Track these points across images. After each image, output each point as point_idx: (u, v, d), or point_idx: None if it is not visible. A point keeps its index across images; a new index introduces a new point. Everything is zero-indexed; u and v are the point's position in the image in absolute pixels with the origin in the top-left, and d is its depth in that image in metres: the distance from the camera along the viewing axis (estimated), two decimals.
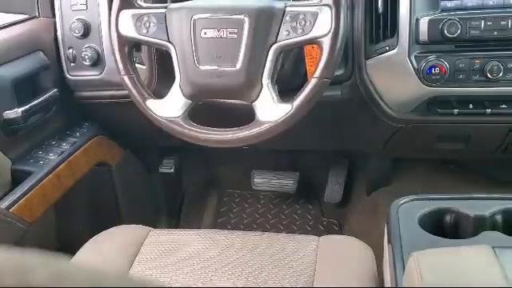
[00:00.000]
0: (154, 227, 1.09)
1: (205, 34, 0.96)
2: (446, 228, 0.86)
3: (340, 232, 1.69)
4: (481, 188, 1.46)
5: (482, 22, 1.01)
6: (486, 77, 1.04)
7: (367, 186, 1.69)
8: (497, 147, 1.23)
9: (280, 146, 1.58)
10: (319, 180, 1.78)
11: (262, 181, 1.80)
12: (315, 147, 1.54)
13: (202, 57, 0.97)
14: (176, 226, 1.75)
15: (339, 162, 1.77)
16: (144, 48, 1.18)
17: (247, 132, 0.97)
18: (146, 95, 1.03)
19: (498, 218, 0.83)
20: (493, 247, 0.66)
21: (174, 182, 1.83)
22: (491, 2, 1.03)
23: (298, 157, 1.83)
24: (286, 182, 1.78)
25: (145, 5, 1.03)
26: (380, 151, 1.42)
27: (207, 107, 1.07)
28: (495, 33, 1.01)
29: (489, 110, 1.08)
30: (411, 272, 0.64)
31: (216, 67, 0.97)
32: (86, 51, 1.24)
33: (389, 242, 0.83)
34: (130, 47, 1.02)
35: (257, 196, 1.87)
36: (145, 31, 1.00)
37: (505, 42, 1.02)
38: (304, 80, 0.97)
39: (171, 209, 1.79)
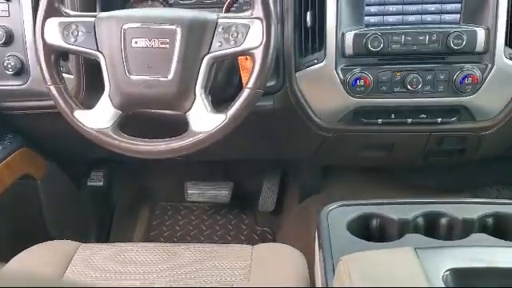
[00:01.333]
0: (84, 242, 1.05)
1: (135, 43, 0.95)
2: (372, 232, 0.90)
3: (274, 240, 1.72)
4: (404, 193, 1.55)
5: (403, 37, 1.08)
6: (407, 88, 1.11)
7: (299, 193, 1.73)
8: (418, 155, 1.31)
9: (214, 157, 1.58)
10: (253, 189, 1.80)
11: (196, 192, 1.79)
12: (249, 156, 1.56)
13: (133, 66, 0.96)
14: (106, 241, 1.70)
15: (273, 170, 1.80)
16: (71, 57, 1.14)
17: (180, 142, 0.97)
18: (74, 106, 1.00)
19: (420, 220, 0.89)
20: (415, 248, 0.70)
21: (104, 196, 1.77)
22: (410, 19, 1.11)
23: (231, 167, 1.84)
24: (220, 193, 1.79)
25: (72, 13, 1.00)
26: (310, 159, 1.47)
27: (139, 118, 1.06)
28: (414, 47, 1.08)
29: (410, 120, 1.15)
30: (341, 275, 0.66)
31: (148, 77, 0.96)
32: (8, 60, 1.18)
33: (319, 247, 0.86)
34: (57, 56, 0.99)
35: (190, 208, 1.86)
36: (73, 40, 0.97)
37: (423, 55, 1.10)
38: (237, 90, 0.98)
39: (101, 223, 1.74)
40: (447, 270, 0.64)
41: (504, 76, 1.09)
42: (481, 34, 1.06)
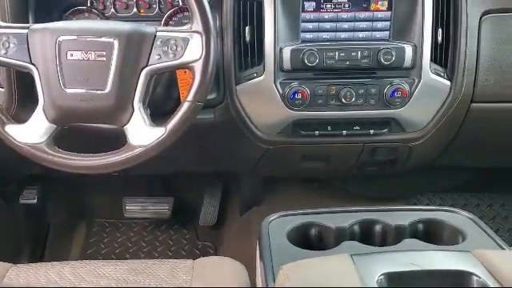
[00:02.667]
0: (16, 263, 1.00)
1: (71, 56, 0.93)
2: (311, 240, 0.92)
3: (215, 254, 1.71)
4: (342, 202, 1.60)
5: (337, 53, 1.13)
6: (341, 102, 1.16)
7: (240, 206, 1.74)
8: (353, 165, 1.36)
9: (153, 171, 1.56)
10: (194, 203, 1.78)
11: (135, 208, 1.76)
12: (190, 170, 1.55)
13: (68, 80, 0.94)
14: (40, 261, 1.62)
15: (214, 184, 1.80)
16: (2, 70, 1.09)
17: (118, 157, 0.95)
18: (5, 120, 0.96)
19: (356, 228, 0.92)
20: (351, 255, 0.73)
21: (38, 213, 1.69)
22: (343, 36, 1.16)
23: (172, 181, 1.82)
24: (160, 208, 1.76)
25: (4, 24, 0.97)
26: (252, 172, 1.48)
27: (75, 132, 1.03)
28: (347, 63, 1.13)
29: (344, 132, 1.20)
30: (281, 283, 0.68)
31: (84, 90, 0.94)
32: None
33: (261, 258, 0.87)
34: None
35: (129, 224, 1.82)
36: (3, 52, 0.93)
37: (356, 70, 1.15)
38: (177, 104, 0.98)
39: (35, 242, 1.65)
40: (381, 275, 0.68)
41: (430, 90, 1.17)
42: (408, 50, 1.13)
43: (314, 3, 1.14)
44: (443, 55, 1.17)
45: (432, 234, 0.90)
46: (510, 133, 1.30)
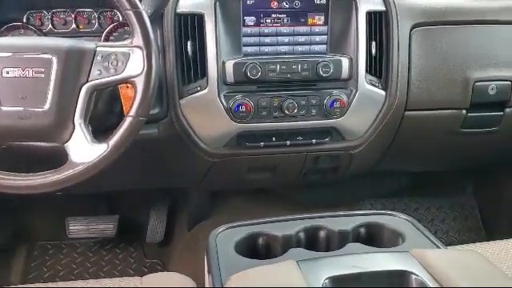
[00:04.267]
0: None
1: (7, 73, 0.91)
2: (259, 250, 0.94)
3: (164, 271, 1.68)
4: (288, 211, 1.63)
5: (278, 66, 1.16)
6: (284, 113, 1.19)
7: (188, 221, 1.73)
8: (298, 174, 1.40)
9: (97, 189, 1.52)
10: (140, 220, 1.75)
11: (79, 228, 1.70)
12: (134, 187, 1.52)
13: (5, 97, 0.91)
14: None
15: (160, 200, 1.78)
16: None
17: (59, 175, 0.92)
18: None
19: (302, 235, 0.94)
20: (297, 261, 0.75)
21: None
22: (284, 49, 1.20)
23: (117, 198, 1.78)
24: (105, 227, 1.72)
25: None
26: (198, 186, 1.48)
27: (14, 151, 0.99)
28: (289, 75, 1.17)
29: (288, 142, 1.23)
30: None
31: (21, 108, 0.91)
32: None
33: (209, 271, 0.87)
34: None
35: (73, 245, 1.76)
36: None
37: (297, 82, 1.19)
38: (119, 119, 0.97)
39: None
40: (326, 278, 0.70)
41: (366, 100, 1.22)
42: (345, 62, 1.18)
43: (254, 18, 1.17)
44: (377, 67, 1.23)
45: (373, 237, 0.93)
46: (441, 138, 1.38)
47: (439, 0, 1.28)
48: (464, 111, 1.29)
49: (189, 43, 1.15)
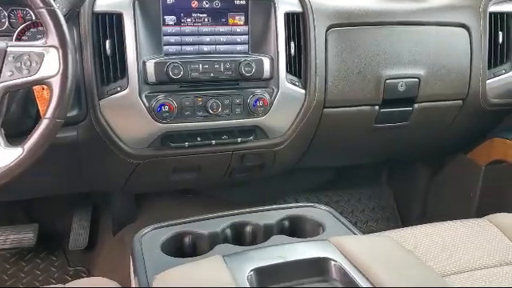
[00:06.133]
0: None
1: None
2: (186, 249, 0.94)
3: None
4: (216, 210, 1.64)
5: (200, 66, 1.17)
6: (208, 112, 1.20)
7: (113, 225, 1.68)
8: (224, 173, 1.41)
9: (13, 196, 1.44)
10: (62, 227, 1.69)
11: None
12: (54, 193, 1.46)
13: None
14: None
15: (83, 205, 1.72)
16: None
17: None
18: None
19: (228, 231, 0.96)
20: (223, 256, 0.76)
21: None
22: (206, 49, 1.20)
23: (35, 206, 1.69)
24: (24, 236, 1.64)
25: None
26: (122, 189, 1.45)
27: None
28: (211, 74, 1.18)
29: (213, 141, 1.24)
30: None
31: None
32: None
33: (135, 273, 0.86)
34: None
35: None
36: None
37: (220, 82, 1.20)
38: (35, 122, 0.93)
39: None
40: (251, 271, 0.72)
41: (287, 98, 1.26)
42: (266, 62, 1.21)
43: (174, 17, 1.17)
44: (297, 66, 1.27)
45: (297, 229, 0.97)
46: (358, 134, 1.46)
47: (353, 2, 1.35)
48: (377, 107, 1.38)
49: (107, 43, 1.12)
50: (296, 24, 1.26)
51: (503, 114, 1.54)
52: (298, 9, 1.26)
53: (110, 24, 1.12)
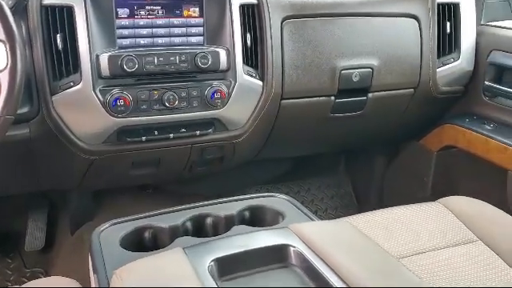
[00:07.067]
0: None
1: None
2: (147, 243, 0.93)
3: None
4: (176, 204, 1.63)
5: (155, 58, 1.15)
6: (165, 106, 1.18)
7: (71, 224, 1.64)
8: (184, 166, 1.40)
9: None
10: (17, 228, 1.63)
11: None
12: (7, 192, 1.41)
13: None
14: None
15: (39, 204, 1.67)
16: None
17: None
18: None
19: (189, 224, 0.96)
20: (183, 248, 0.76)
21: None
22: (160, 41, 1.19)
23: None
24: None
25: None
26: (79, 187, 1.42)
27: None
28: (167, 67, 1.17)
29: (172, 135, 1.23)
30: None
31: None
32: None
33: (94, 270, 0.85)
34: None
35: None
36: None
37: (176, 74, 1.19)
38: None
39: None
40: (212, 261, 0.72)
41: (245, 90, 1.27)
42: (223, 54, 1.20)
43: (127, 10, 1.15)
44: (253, 58, 1.28)
45: (257, 219, 0.98)
46: (315, 124, 1.48)
47: None
48: (333, 97, 1.40)
49: (58, 37, 1.09)
50: (251, 16, 1.26)
51: (453, 101, 1.60)
52: (253, 0, 1.26)
53: (61, 17, 1.09)
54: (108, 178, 1.38)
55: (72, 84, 1.11)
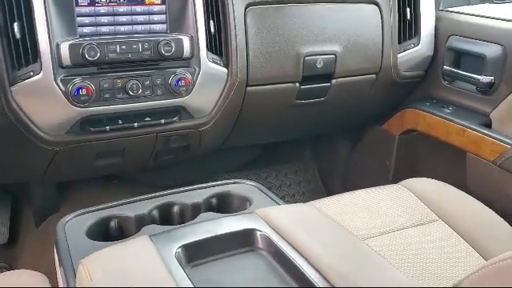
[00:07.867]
0: None
1: None
2: (113, 233, 0.93)
3: None
4: (144, 194, 1.62)
5: (118, 47, 1.13)
6: (129, 94, 1.17)
7: (35, 217, 1.61)
8: (149, 156, 1.39)
9: None
10: None
11: None
12: None
13: None
14: None
15: (1, 198, 1.62)
16: None
17: None
18: None
19: (155, 213, 0.96)
20: (150, 236, 0.76)
21: None
22: (122, 29, 1.17)
23: None
24: None
25: None
26: (42, 179, 1.39)
27: None
28: (130, 55, 1.15)
29: (136, 124, 1.21)
30: (82, 278, 0.67)
31: None
32: None
33: (60, 262, 0.84)
34: None
35: None
36: None
37: (139, 62, 1.17)
38: None
39: None
40: (179, 248, 0.73)
41: (210, 78, 1.26)
42: (186, 41, 1.20)
43: None
44: (218, 45, 1.27)
45: (224, 205, 0.99)
46: (280, 111, 1.49)
47: None
48: (297, 84, 1.41)
49: (15, 25, 1.06)
50: (214, 2, 1.25)
51: (413, 86, 1.64)
52: None
53: (18, 5, 1.06)
54: (72, 169, 1.35)
55: (32, 74, 1.08)
